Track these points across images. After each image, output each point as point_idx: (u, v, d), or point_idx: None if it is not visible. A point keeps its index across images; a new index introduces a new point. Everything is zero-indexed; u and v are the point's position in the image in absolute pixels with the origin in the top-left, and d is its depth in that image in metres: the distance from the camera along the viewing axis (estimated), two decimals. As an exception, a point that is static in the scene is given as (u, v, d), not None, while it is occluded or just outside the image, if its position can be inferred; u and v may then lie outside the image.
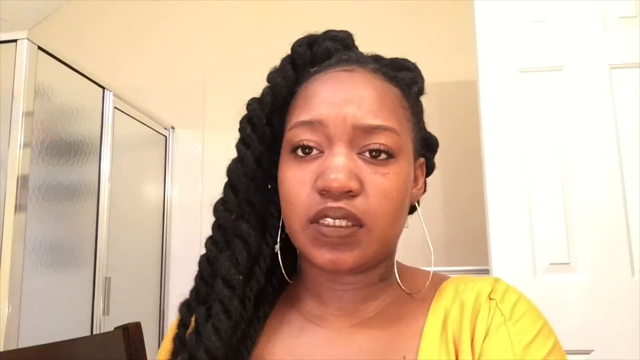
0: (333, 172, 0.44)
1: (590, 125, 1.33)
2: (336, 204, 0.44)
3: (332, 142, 0.46)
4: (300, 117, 0.48)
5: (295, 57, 0.53)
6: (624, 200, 1.28)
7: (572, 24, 1.37)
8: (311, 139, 0.47)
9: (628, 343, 1.21)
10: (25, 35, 1.37)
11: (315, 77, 0.51)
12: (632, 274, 1.25)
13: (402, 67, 0.55)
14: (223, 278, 0.48)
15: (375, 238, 0.46)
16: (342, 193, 0.44)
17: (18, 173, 1.32)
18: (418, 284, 0.53)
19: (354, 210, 0.44)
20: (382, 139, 0.46)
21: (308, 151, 0.47)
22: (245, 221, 0.51)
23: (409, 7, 2.30)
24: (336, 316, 0.51)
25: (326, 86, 0.49)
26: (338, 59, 0.52)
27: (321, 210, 0.44)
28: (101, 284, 1.67)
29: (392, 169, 0.47)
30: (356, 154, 0.46)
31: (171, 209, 2.31)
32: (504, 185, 1.32)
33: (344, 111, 0.46)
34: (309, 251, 0.46)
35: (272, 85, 0.52)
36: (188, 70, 2.45)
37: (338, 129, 0.46)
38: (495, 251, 1.29)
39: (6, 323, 1.24)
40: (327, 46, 0.53)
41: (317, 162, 0.47)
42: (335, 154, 0.45)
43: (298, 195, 0.46)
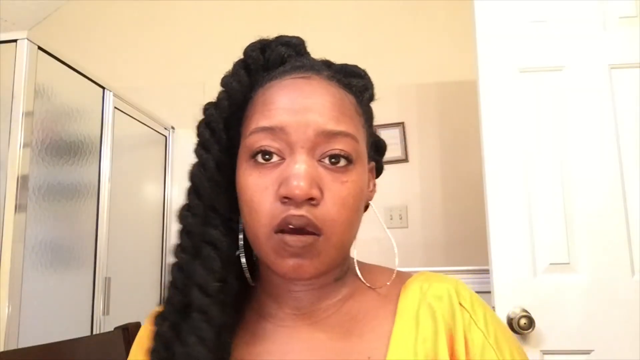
0: (296, 179, 0.44)
1: (590, 125, 1.33)
2: (298, 211, 0.45)
3: (294, 149, 0.47)
4: (259, 123, 0.48)
5: (248, 62, 0.53)
6: (624, 200, 1.28)
7: (572, 24, 1.37)
8: (272, 145, 0.47)
9: (628, 343, 1.21)
10: (25, 35, 1.37)
11: (272, 83, 0.51)
12: (632, 274, 1.25)
13: (353, 73, 0.56)
14: (199, 286, 0.47)
15: (334, 246, 0.47)
16: (304, 200, 0.45)
17: (18, 173, 1.32)
18: (379, 280, 0.55)
19: (314, 219, 0.45)
20: (343, 145, 0.47)
21: (268, 157, 0.47)
22: (214, 227, 0.50)
23: (409, 7, 2.30)
24: (295, 315, 0.52)
25: (285, 93, 0.49)
26: (293, 66, 0.52)
27: (284, 218, 0.45)
28: (101, 284, 1.67)
29: (350, 176, 0.48)
30: (317, 161, 0.47)
31: (171, 209, 2.31)
32: (504, 185, 1.32)
33: (305, 118, 0.47)
34: (272, 260, 0.47)
35: (227, 90, 0.51)
36: (188, 70, 2.45)
37: (300, 136, 0.46)
38: (495, 251, 1.29)
39: (6, 323, 1.24)
40: (280, 52, 0.53)
41: (278, 169, 0.47)
42: (297, 161, 0.46)
43: (261, 203, 0.46)
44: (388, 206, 2.14)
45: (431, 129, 2.20)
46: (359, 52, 2.36)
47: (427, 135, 2.19)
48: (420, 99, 2.22)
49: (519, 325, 1.22)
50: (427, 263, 2.04)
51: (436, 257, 2.08)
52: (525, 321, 1.22)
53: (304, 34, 0.57)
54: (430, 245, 2.10)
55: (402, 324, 0.50)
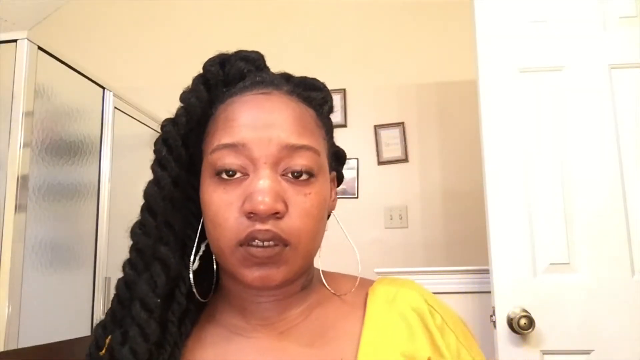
0: (260, 194, 0.45)
1: (590, 125, 1.33)
2: (264, 226, 0.45)
3: (257, 165, 0.47)
4: (222, 140, 0.48)
5: (208, 77, 0.53)
6: (624, 200, 1.28)
7: (572, 24, 1.37)
8: (234, 163, 0.48)
9: (628, 343, 1.21)
10: (25, 35, 1.37)
11: (233, 99, 0.51)
12: (632, 274, 1.25)
13: (312, 87, 0.57)
14: (141, 301, 0.48)
15: (300, 254, 0.48)
16: (269, 215, 0.45)
17: (18, 173, 1.32)
18: (343, 287, 0.56)
19: (279, 232, 0.46)
20: (305, 160, 0.48)
21: (232, 174, 0.48)
22: (164, 243, 0.50)
23: (409, 7, 2.31)
24: (262, 326, 0.52)
25: (246, 109, 0.50)
26: (253, 81, 0.53)
27: (250, 233, 0.46)
28: (101, 284, 1.67)
29: (313, 188, 0.49)
30: (280, 176, 0.48)
31: (171, 209, 2.31)
32: (504, 185, 1.32)
33: (268, 134, 0.48)
34: (238, 271, 0.47)
35: (185, 106, 0.52)
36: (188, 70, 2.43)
37: (262, 152, 0.47)
38: (495, 251, 1.29)
39: (6, 323, 1.24)
40: (240, 67, 0.54)
41: (242, 185, 0.47)
42: (260, 177, 0.47)
43: (226, 219, 0.47)
44: (388, 206, 2.14)
45: (431, 129, 2.20)
46: (359, 52, 2.37)
47: (427, 135, 2.19)
48: (420, 99, 2.22)
49: (519, 325, 1.22)
50: (427, 263, 2.04)
51: (436, 257, 2.08)
52: (525, 321, 1.22)
53: (304, 34, 0.56)
54: (430, 245, 2.10)
55: (372, 325, 0.51)
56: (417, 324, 0.51)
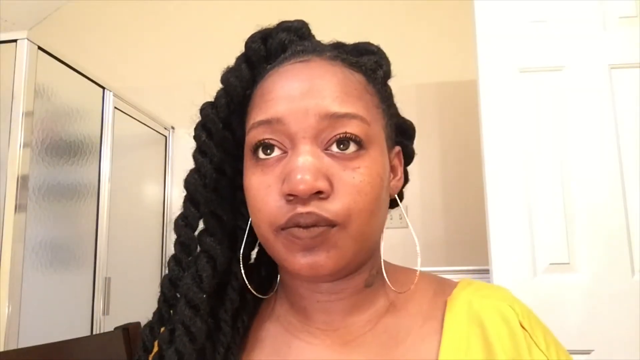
0: (299, 173, 0.40)
1: (590, 125, 1.33)
2: (305, 208, 0.40)
3: (295, 140, 0.42)
4: (257, 117, 0.44)
5: (249, 54, 0.49)
6: (624, 200, 1.28)
7: (572, 24, 1.37)
8: (272, 138, 0.43)
9: (628, 343, 1.21)
10: (25, 35, 1.37)
11: (270, 72, 0.47)
12: (632, 274, 1.25)
13: (364, 51, 0.51)
14: (186, 297, 0.45)
15: (352, 236, 0.42)
16: (311, 195, 0.40)
17: (18, 173, 1.32)
18: (416, 287, 0.49)
19: (325, 214, 0.40)
20: (350, 128, 0.42)
21: (269, 152, 0.43)
22: (210, 235, 0.47)
23: (409, 7, 2.30)
24: (324, 331, 0.47)
25: (281, 80, 0.45)
26: (293, 51, 0.48)
27: (291, 218, 0.41)
28: (101, 284, 1.67)
29: (363, 162, 0.43)
30: (323, 151, 0.42)
31: (171, 209, 2.31)
32: (504, 185, 1.32)
33: (304, 104, 0.42)
34: (284, 258, 0.43)
35: (225, 87, 0.47)
36: (188, 70, 2.44)
37: (300, 125, 0.42)
38: (495, 251, 1.29)
39: (6, 323, 1.24)
40: (281, 38, 0.49)
41: (280, 164, 0.43)
42: (299, 153, 0.41)
43: (266, 202, 0.42)
44: (388, 206, 2.14)
45: (431, 129, 2.20)
46: (359, 52, 2.36)
47: (427, 135, 2.19)
48: (420, 99, 2.22)
49: (519, 325, 1.22)
50: (427, 263, 2.04)
51: (436, 257, 2.08)
52: (525, 321, 1.22)
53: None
54: (430, 245, 2.10)
55: (450, 346, 0.44)
56: (497, 344, 0.44)
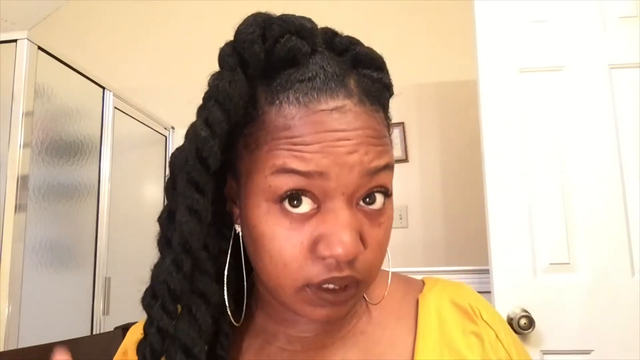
0: (340, 238, 0.38)
1: (590, 125, 1.33)
2: (341, 273, 0.39)
3: (332, 195, 0.39)
4: (291, 164, 0.39)
5: (246, 57, 0.42)
6: (624, 200, 1.28)
7: (572, 24, 1.37)
8: (308, 191, 0.39)
9: (628, 343, 1.21)
10: (25, 35, 1.37)
11: (293, 109, 0.40)
12: (632, 274, 1.25)
13: (374, 66, 0.46)
14: (186, 352, 0.41)
15: (366, 287, 0.43)
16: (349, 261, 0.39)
17: (18, 173, 1.32)
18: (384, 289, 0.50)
19: (357, 275, 0.40)
20: (382, 180, 0.41)
21: (297, 204, 0.40)
22: (203, 273, 0.44)
23: (409, 7, 2.30)
24: (304, 338, 0.48)
25: (319, 131, 0.39)
26: (313, 84, 0.40)
27: (325, 280, 0.39)
28: (101, 284, 1.67)
29: (386, 213, 0.42)
30: (355, 206, 0.40)
31: (171, 209, 2.31)
32: (504, 185, 1.32)
33: (350, 161, 0.39)
34: (300, 308, 0.42)
35: (223, 103, 0.40)
36: (188, 70, 2.44)
37: (342, 182, 0.39)
38: (495, 251, 1.29)
39: (6, 323, 1.24)
40: (291, 47, 0.41)
41: (313, 220, 0.40)
42: (337, 213, 0.39)
43: (294, 259, 0.39)
44: (388, 206, 2.14)
45: (431, 129, 2.20)
46: (359, 52, 2.36)
47: (427, 135, 2.19)
48: (420, 99, 2.22)
49: (519, 325, 1.22)
50: (427, 263, 2.04)
51: (436, 257, 2.08)
52: (525, 321, 1.22)
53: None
54: (430, 245, 2.10)
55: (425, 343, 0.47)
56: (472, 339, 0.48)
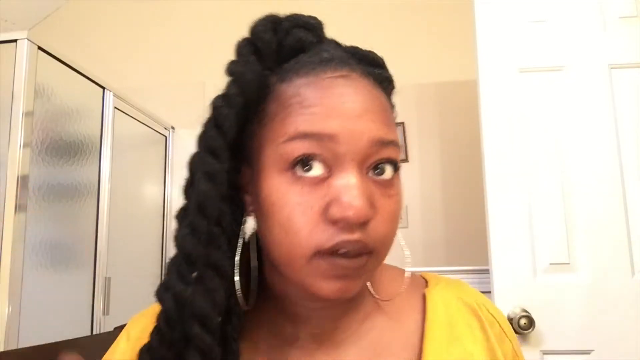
0: (351, 199, 0.38)
1: (590, 125, 1.33)
2: (353, 236, 0.39)
3: (342, 161, 0.40)
4: (300, 128, 0.40)
5: (258, 45, 0.45)
6: (624, 200, 1.28)
7: (572, 24, 1.37)
8: (320, 154, 0.40)
9: (628, 343, 1.21)
10: (25, 35, 1.37)
11: (302, 79, 0.43)
12: (632, 274, 1.25)
13: (375, 63, 0.49)
14: (200, 322, 0.40)
15: (379, 262, 0.43)
16: (360, 223, 0.39)
17: (18, 173, 1.32)
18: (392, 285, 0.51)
19: (369, 242, 0.40)
20: (390, 154, 0.42)
21: (308, 168, 0.40)
22: (216, 247, 0.43)
23: (409, 7, 2.31)
24: (316, 335, 0.48)
25: (329, 95, 0.41)
26: (321, 58, 0.44)
27: (337, 244, 0.39)
28: (101, 284, 1.67)
29: (395, 189, 0.43)
30: (364, 175, 0.41)
31: (171, 209, 2.31)
32: (504, 185, 1.32)
33: (359, 126, 0.40)
34: (311, 282, 0.41)
35: (240, 82, 0.43)
36: (188, 70, 2.44)
37: (351, 147, 0.40)
38: (495, 251, 1.29)
39: (6, 323, 1.24)
40: (299, 37, 0.46)
41: (324, 184, 0.40)
42: (348, 177, 0.40)
43: (304, 225, 0.40)
44: (388, 206, 2.14)
45: (431, 129, 2.20)
46: (359, 52, 2.37)
47: (427, 135, 2.19)
48: (420, 99, 2.22)
49: (519, 325, 1.22)
50: (427, 263, 2.04)
51: (436, 257, 2.08)
52: (525, 321, 1.22)
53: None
54: (430, 245, 2.10)
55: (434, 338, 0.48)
56: (478, 333, 0.49)
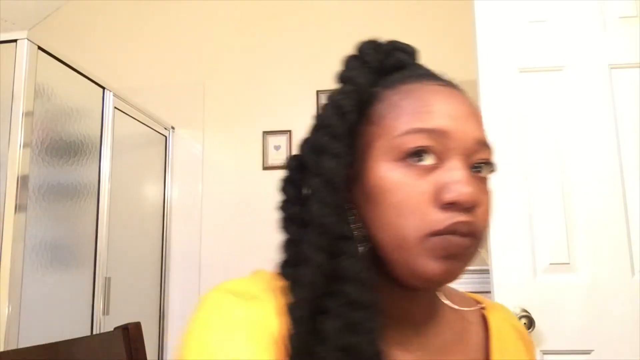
0: (461, 184, 0.43)
1: (590, 125, 1.33)
2: (465, 217, 0.43)
3: (450, 154, 0.45)
4: (415, 124, 0.45)
5: (367, 60, 0.51)
6: (624, 200, 1.28)
7: (572, 24, 1.37)
8: (433, 147, 0.45)
9: (628, 343, 1.21)
10: (25, 35, 1.37)
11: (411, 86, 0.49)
12: (632, 274, 1.25)
13: None
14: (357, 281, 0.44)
15: (477, 251, 0.46)
16: (468, 207, 0.43)
17: (18, 173, 1.32)
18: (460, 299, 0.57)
19: (477, 223, 0.44)
20: (489, 156, 0.48)
21: (420, 159, 0.45)
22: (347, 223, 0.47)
23: (410, 7, 2.31)
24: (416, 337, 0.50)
25: (440, 98, 0.48)
26: (423, 73, 0.52)
27: (452, 225, 0.43)
28: (101, 284, 1.67)
29: (488, 187, 0.48)
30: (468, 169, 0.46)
31: (171, 209, 2.31)
32: (504, 185, 1.32)
33: (466, 126, 0.46)
34: (421, 263, 0.44)
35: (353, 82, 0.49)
36: (188, 70, 2.44)
37: (460, 143, 0.45)
38: (495, 251, 1.29)
39: (6, 323, 1.24)
40: (399, 58, 0.53)
41: (434, 173, 0.45)
42: (457, 167, 0.44)
43: (418, 207, 0.44)
44: (388, 206, 2.13)
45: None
46: (359, 52, 2.37)
47: (427, 135, 2.19)
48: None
49: (519, 325, 1.22)
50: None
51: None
52: (525, 321, 1.22)
53: (304, 35, 0.56)
54: (430, 245, 2.10)
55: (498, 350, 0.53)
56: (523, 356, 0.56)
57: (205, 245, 2.28)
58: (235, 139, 2.36)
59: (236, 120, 2.37)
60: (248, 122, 2.35)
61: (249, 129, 2.35)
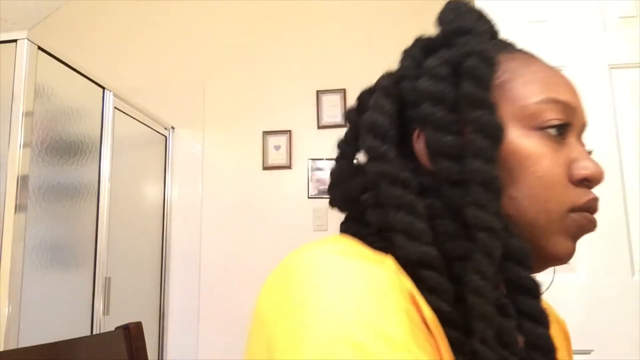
0: (592, 161, 0.43)
1: (590, 125, 1.33)
2: (595, 195, 0.43)
3: (572, 132, 0.45)
4: (553, 94, 0.44)
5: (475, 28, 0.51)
6: (624, 200, 1.28)
7: (572, 24, 1.37)
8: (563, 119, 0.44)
9: (628, 343, 1.21)
10: (25, 35, 1.37)
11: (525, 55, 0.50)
12: (632, 274, 1.25)
13: None
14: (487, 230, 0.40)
15: None
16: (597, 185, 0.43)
17: (18, 173, 1.32)
18: None
19: None
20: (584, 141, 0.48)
21: (554, 131, 0.43)
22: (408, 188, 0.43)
23: (410, 7, 2.30)
24: None
25: (558, 73, 0.47)
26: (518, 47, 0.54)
27: (588, 202, 0.43)
28: (101, 284, 1.67)
29: None
30: None
31: (171, 209, 2.31)
32: (504, 185, 1.32)
33: (582, 107, 0.47)
34: (557, 240, 0.43)
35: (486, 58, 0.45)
36: (188, 70, 2.44)
37: (581, 121, 0.46)
38: (495, 251, 1.30)
39: (6, 323, 1.24)
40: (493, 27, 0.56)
41: (564, 147, 0.44)
42: (580, 144, 0.45)
43: (560, 180, 0.42)
44: (388, 206, 2.13)
45: (431, 129, 2.20)
46: (359, 52, 2.37)
47: (427, 135, 2.19)
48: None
49: (519, 325, 1.22)
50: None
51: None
52: (525, 321, 1.22)
53: (304, 35, 0.54)
54: (430, 245, 2.09)
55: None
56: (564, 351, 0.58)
57: (205, 245, 2.28)
58: (235, 139, 2.36)
59: (236, 120, 2.37)
60: (248, 122, 2.35)
61: (249, 129, 2.35)
